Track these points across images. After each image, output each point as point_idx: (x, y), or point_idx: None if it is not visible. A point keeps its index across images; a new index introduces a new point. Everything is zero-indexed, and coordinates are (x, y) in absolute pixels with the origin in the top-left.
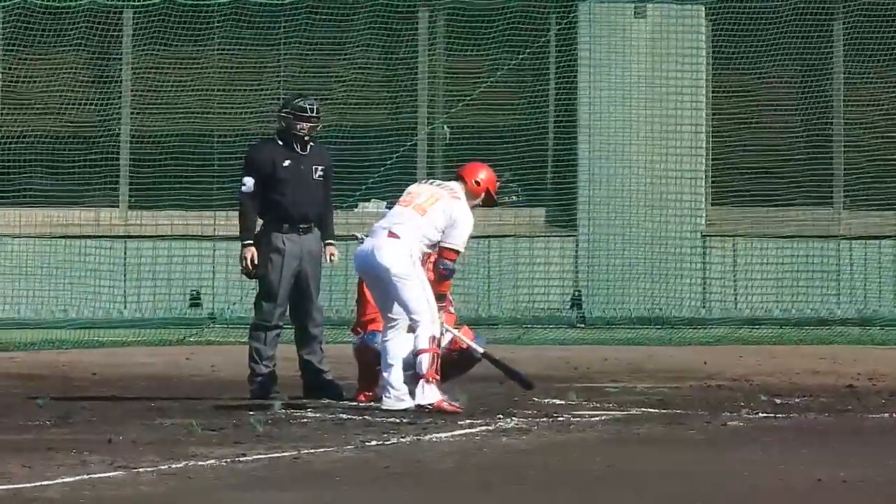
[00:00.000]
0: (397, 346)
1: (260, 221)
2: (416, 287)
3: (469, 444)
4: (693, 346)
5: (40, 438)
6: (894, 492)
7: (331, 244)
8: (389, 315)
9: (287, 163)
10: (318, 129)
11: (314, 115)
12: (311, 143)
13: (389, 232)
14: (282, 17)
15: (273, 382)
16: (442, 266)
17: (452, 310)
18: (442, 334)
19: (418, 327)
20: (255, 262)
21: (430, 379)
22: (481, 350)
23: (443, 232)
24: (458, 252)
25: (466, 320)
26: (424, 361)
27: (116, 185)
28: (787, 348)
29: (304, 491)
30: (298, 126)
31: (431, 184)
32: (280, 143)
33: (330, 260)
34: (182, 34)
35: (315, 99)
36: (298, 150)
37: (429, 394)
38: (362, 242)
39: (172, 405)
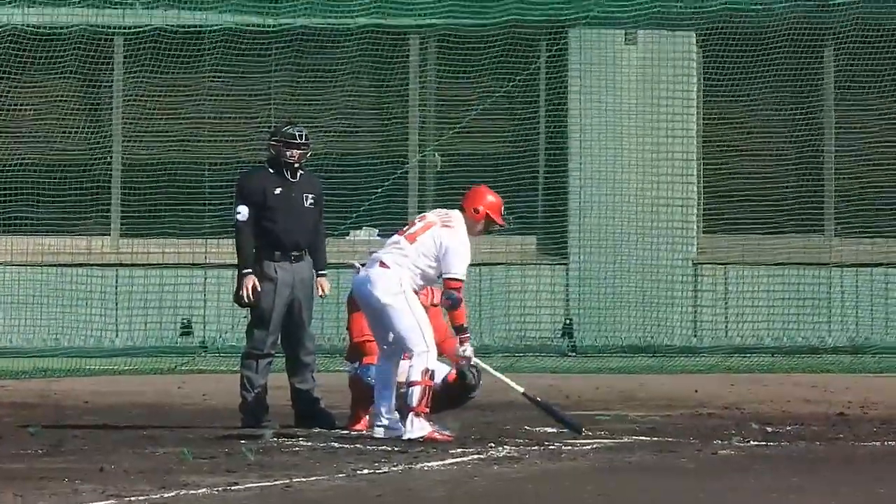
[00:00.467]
0: (391, 375)
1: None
2: (407, 317)
3: (461, 473)
4: (684, 375)
5: (32, 467)
6: None
7: (323, 275)
8: (385, 347)
9: (278, 190)
10: (308, 156)
11: (303, 142)
12: (301, 171)
13: (381, 262)
14: (272, 45)
15: (265, 411)
16: (445, 296)
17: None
18: (476, 375)
19: (412, 358)
20: (258, 290)
21: (420, 412)
22: (521, 389)
23: (434, 259)
24: (459, 280)
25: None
26: (416, 394)
27: (108, 213)
28: (778, 376)
29: None
30: (288, 153)
31: (437, 214)
32: (270, 171)
33: (321, 294)
34: (173, 61)
35: (304, 126)
36: (289, 178)
37: (418, 427)
38: (359, 272)
39: (164, 434)
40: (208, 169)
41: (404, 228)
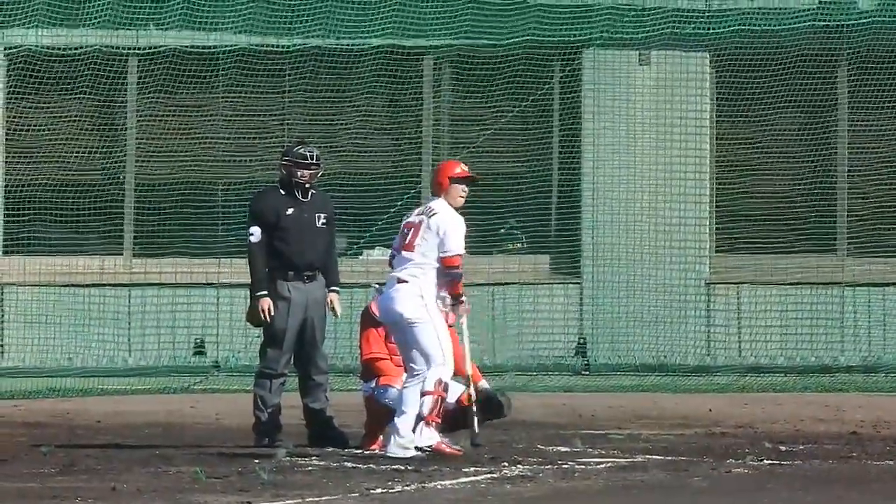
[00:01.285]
0: (414, 395)
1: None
2: (429, 331)
3: (473, 492)
4: (698, 394)
5: (45, 486)
6: None
7: (334, 292)
8: (413, 365)
9: (290, 211)
10: (319, 175)
11: (315, 161)
12: (313, 191)
13: (398, 279)
14: (287, 65)
15: (278, 430)
16: (446, 272)
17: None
18: (509, 403)
19: (429, 369)
20: (272, 312)
21: (431, 422)
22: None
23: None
24: (457, 256)
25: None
26: (427, 403)
27: (121, 233)
28: (791, 395)
29: None
30: (300, 173)
31: (417, 214)
32: (282, 191)
33: (332, 311)
34: (187, 81)
35: (316, 146)
36: (300, 198)
37: (426, 436)
38: (381, 292)
39: (177, 453)
40: (222, 189)
41: (398, 244)
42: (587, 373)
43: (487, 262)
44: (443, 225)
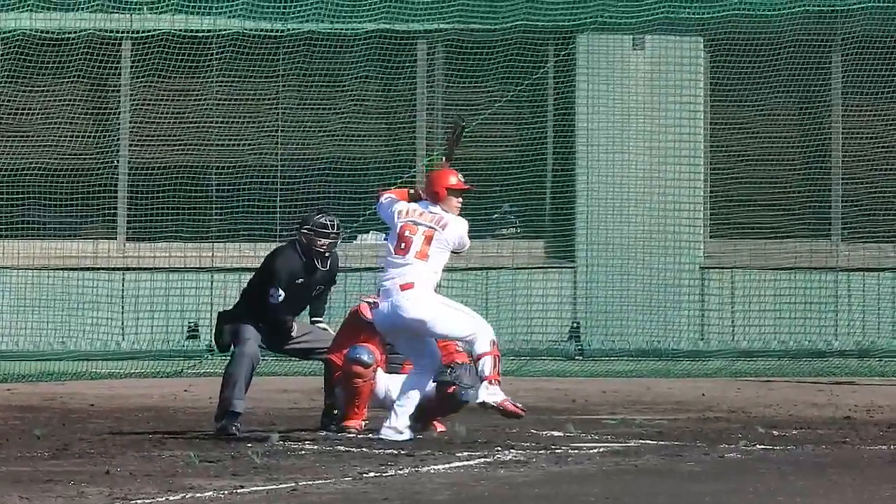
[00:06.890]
0: (417, 384)
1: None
2: (448, 316)
3: (467, 476)
4: (691, 378)
5: (38, 470)
6: None
7: (318, 320)
8: (419, 360)
9: (300, 280)
10: (338, 243)
11: (335, 231)
12: (328, 254)
13: (401, 285)
14: (280, 49)
15: (233, 415)
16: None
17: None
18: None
19: (474, 342)
20: (293, 330)
21: (493, 380)
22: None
23: (450, 252)
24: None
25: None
26: (487, 364)
27: (114, 217)
28: (784, 380)
29: None
30: (319, 242)
31: (426, 219)
32: (302, 258)
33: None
34: (180, 65)
35: (335, 214)
36: (318, 266)
37: (493, 392)
38: (376, 306)
39: (170, 437)
40: (215, 173)
41: (402, 248)
42: (580, 357)
43: (481, 247)
44: (460, 237)
